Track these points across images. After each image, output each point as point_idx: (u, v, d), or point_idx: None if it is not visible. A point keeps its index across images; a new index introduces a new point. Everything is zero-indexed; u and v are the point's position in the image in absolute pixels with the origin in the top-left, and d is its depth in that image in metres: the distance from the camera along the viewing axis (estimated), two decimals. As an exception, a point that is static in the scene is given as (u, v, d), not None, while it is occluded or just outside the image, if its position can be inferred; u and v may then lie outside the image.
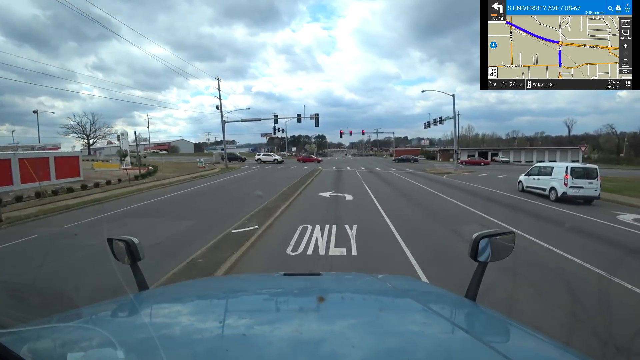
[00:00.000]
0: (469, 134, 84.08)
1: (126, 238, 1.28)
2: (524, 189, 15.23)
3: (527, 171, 15.44)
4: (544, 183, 13.75)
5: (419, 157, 65.66)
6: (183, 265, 5.27)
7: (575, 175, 12.52)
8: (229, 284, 1.60)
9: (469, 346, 0.79)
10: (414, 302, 1.15)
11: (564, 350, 0.82)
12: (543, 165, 15.03)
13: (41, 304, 3.39)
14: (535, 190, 14.30)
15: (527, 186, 15.03)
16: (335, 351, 0.75)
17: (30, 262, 5.95)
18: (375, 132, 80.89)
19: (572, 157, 52.34)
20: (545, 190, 13.59)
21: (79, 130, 61.18)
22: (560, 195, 12.66)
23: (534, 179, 14.57)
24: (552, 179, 13.28)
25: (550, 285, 4.73)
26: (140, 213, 10.62)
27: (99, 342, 0.77)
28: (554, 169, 13.47)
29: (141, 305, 1.09)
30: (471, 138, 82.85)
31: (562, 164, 13.89)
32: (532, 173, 14.95)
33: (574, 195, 12.44)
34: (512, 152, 61.54)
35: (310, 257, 5.84)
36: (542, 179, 14.00)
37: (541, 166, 14.81)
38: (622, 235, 7.90)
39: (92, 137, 62.07)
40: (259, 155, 46.94)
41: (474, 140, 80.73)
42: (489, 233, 1.27)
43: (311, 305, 1.12)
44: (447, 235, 7.51)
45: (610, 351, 3.02)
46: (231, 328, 0.89)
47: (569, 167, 12.78)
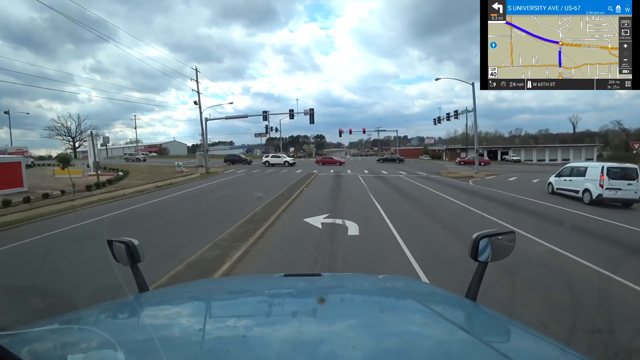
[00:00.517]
0: (471, 133, 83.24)
1: (126, 240, 1.29)
2: (554, 191, 14.21)
3: (558, 172, 14.29)
4: (577, 184, 12.75)
5: (423, 157, 64.06)
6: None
7: (612, 176, 11.57)
8: (230, 285, 1.60)
9: (469, 346, 0.79)
10: (414, 302, 1.15)
11: (565, 350, 0.82)
12: (576, 165, 13.95)
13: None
14: (567, 193, 13.31)
15: (557, 188, 14.02)
16: (336, 352, 0.75)
17: None
18: (377, 131, 79.19)
19: (587, 154, 51.16)
20: (577, 193, 12.62)
21: (63, 132, 58.54)
22: (595, 197, 11.75)
23: (566, 180, 13.51)
24: (585, 180, 12.31)
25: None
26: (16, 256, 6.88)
27: (100, 343, 0.77)
28: (588, 169, 12.49)
29: (141, 306, 1.09)
30: (473, 137, 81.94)
31: (597, 164, 12.98)
32: (563, 174, 13.83)
33: (611, 197, 11.49)
34: (522, 150, 58.36)
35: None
36: (574, 180, 12.97)
37: (574, 166, 13.73)
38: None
39: (77, 139, 59.65)
40: (267, 157, 40.89)
41: (462, 139, 79.95)
42: (489, 233, 1.27)
43: (311, 306, 1.11)
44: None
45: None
46: (231, 329, 0.89)
47: (605, 167, 11.83)
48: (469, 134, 46.70)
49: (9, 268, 6.22)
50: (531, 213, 10.47)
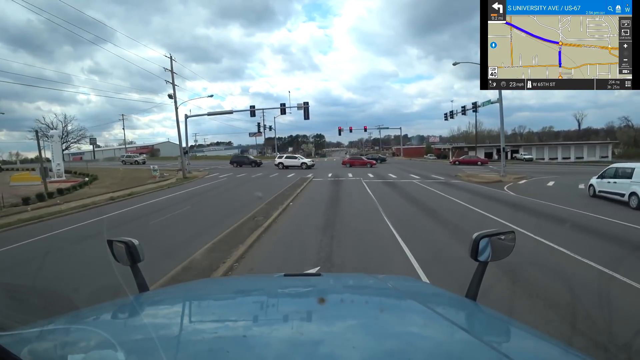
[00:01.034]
0: (470, 131, 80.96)
1: (126, 240, 1.28)
2: (595, 193, 13.25)
3: (600, 173, 13.33)
4: (622, 187, 11.82)
5: (428, 157, 59.83)
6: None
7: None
8: (230, 285, 1.60)
9: (470, 347, 0.79)
10: (414, 302, 1.15)
11: (565, 350, 0.82)
12: (621, 166, 12.84)
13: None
14: (610, 196, 12.42)
15: (599, 191, 13.05)
16: (336, 352, 0.75)
17: None
18: (378, 129, 75.52)
19: (601, 152, 49.31)
20: (623, 196, 11.71)
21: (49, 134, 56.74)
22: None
23: (609, 183, 12.55)
24: (632, 182, 11.40)
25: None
26: None
27: (100, 343, 0.77)
28: (636, 170, 11.52)
29: (141, 306, 1.09)
30: (474, 135, 79.45)
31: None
32: (606, 175, 12.85)
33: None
34: (534, 148, 53.60)
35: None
36: (619, 183, 12.02)
37: (618, 167, 12.68)
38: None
39: (64, 141, 54.66)
40: (280, 159, 35.13)
41: (480, 137, 75.32)
42: (489, 233, 1.27)
43: (312, 306, 1.11)
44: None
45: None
46: (231, 329, 0.89)
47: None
48: (470, 131, 45.23)
49: None
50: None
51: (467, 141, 65.51)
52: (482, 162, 40.84)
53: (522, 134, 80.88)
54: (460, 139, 72.95)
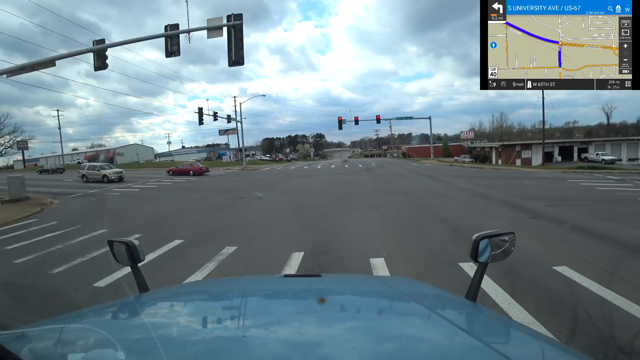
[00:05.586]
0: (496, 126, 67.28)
1: (127, 240, 1.28)
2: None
3: None
4: None
5: (461, 158, 45.53)
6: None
7: None
8: (230, 285, 1.60)
9: (470, 348, 0.79)
10: (414, 303, 1.15)
11: (565, 351, 0.82)
12: None
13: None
14: None
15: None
16: (336, 353, 0.75)
17: None
18: (396, 119, 61.17)
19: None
20: None
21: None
22: None
23: None
24: None
25: None
26: None
27: (100, 343, 0.77)
28: None
29: (142, 306, 1.09)
30: (509, 131, 65.60)
31: None
32: None
33: None
34: (608, 145, 38.98)
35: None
36: None
37: None
38: None
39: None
40: (83, 170, 25.62)
41: (497, 134, 63.89)
42: (489, 234, 1.27)
43: (311, 307, 1.11)
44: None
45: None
46: (231, 329, 0.89)
47: None
48: (505, 125, 34.91)
49: None
50: None
51: (492, 139, 55.82)
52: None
53: (532, 129, 68.00)
54: (485, 136, 64.06)
